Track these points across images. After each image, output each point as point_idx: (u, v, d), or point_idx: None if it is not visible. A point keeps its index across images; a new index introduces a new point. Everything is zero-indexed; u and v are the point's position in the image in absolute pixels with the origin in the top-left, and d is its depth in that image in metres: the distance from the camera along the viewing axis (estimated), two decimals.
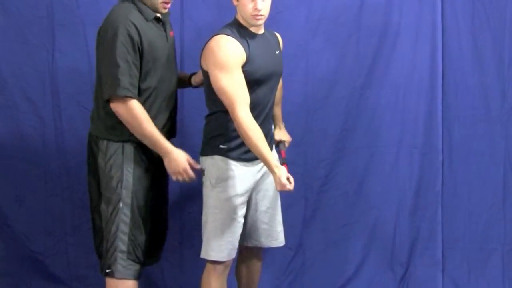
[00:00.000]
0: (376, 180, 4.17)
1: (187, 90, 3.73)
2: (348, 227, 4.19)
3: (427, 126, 4.15)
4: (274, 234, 3.53)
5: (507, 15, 4.11)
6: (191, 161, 3.28)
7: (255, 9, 3.20)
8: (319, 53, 4.11)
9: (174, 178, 3.28)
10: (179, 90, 3.55)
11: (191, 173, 3.26)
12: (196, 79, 3.58)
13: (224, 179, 3.29)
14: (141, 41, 3.15)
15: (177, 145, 3.34)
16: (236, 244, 3.37)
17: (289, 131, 3.81)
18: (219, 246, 3.31)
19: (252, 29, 3.30)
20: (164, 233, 3.54)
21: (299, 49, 4.05)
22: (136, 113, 3.14)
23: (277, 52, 3.42)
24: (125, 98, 3.12)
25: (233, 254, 3.38)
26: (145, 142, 3.20)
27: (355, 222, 4.19)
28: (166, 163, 3.25)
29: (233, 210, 3.31)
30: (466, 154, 4.16)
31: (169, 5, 3.27)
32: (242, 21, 3.29)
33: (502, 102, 4.14)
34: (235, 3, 3.27)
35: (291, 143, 3.78)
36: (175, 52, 3.46)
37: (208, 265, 3.37)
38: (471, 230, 4.19)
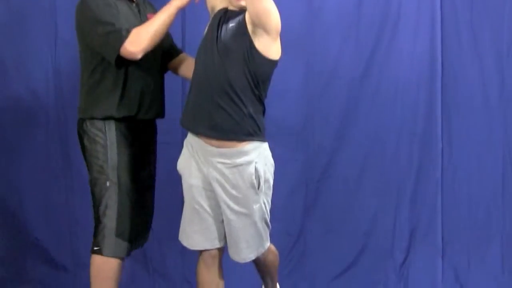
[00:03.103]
0: (377, 168, 4.19)
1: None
2: (349, 214, 4.21)
3: (426, 114, 4.18)
4: (238, 250, 3.17)
5: (506, 4, 4.14)
6: None
7: None
8: (320, 42, 4.13)
9: None
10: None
11: None
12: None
13: (181, 167, 3.20)
14: (117, 9, 3.16)
15: (178, 136, 3.34)
16: (209, 235, 3.15)
17: (290, 119, 3.79)
18: (185, 233, 3.19)
19: None
20: (150, 214, 3.43)
21: (299, 39, 4.07)
22: (144, 34, 3.10)
23: None
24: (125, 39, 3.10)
25: (206, 246, 3.16)
26: (165, 26, 3.15)
27: (355, 209, 4.21)
28: None
29: (192, 199, 3.15)
30: (466, 142, 4.19)
31: None
32: None
33: (501, 91, 4.17)
34: None
35: (293, 131, 3.74)
36: None
37: (199, 255, 3.24)
38: (471, 217, 4.22)
